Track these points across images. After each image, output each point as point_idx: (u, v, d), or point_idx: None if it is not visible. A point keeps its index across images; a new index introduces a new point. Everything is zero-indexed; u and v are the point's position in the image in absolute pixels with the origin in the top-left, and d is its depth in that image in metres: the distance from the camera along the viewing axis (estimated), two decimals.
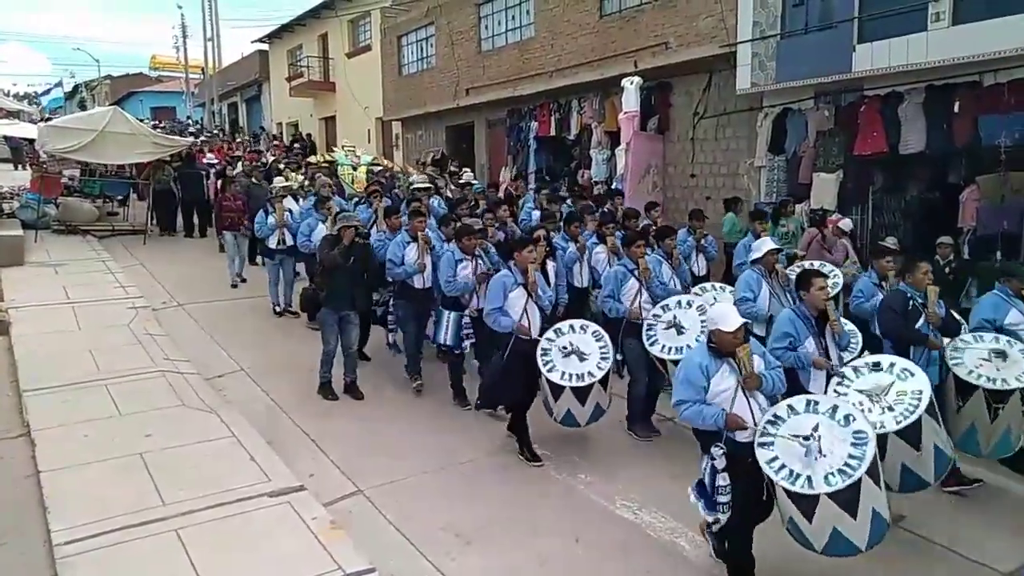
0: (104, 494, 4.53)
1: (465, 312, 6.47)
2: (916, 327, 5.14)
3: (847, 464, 3.63)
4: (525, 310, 5.60)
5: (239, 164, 14.09)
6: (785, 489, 3.70)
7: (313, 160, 16.04)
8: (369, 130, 22.22)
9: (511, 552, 4.44)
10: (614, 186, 11.88)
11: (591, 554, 4.47)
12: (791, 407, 3.96)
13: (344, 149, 15.36)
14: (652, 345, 5.79)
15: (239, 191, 11.22)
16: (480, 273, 6.36)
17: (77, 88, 52.07)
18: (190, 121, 31.93)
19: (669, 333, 5.77)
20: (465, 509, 4.92)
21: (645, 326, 5.91)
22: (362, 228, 7.09)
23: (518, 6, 15.14)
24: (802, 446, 3.72)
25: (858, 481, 3.57)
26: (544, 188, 10.74)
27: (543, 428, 5.82)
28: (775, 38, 9.52)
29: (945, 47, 7.72)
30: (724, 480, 3.94)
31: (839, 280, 7.06)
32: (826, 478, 3.61)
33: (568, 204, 9.49)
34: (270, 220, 9.04)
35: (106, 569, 3.86)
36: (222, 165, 14.37)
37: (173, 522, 4.27)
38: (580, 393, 5.37)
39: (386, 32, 20.28)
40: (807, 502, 3.67)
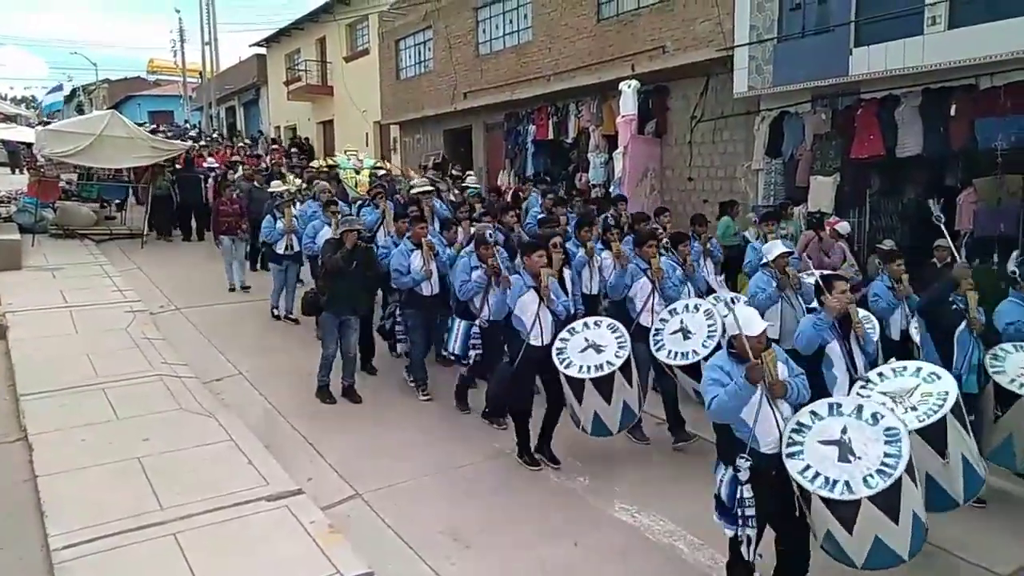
0: (101, 498, 4.51)
1: (475, 322, 6.30)
2: (956, 333, 5.05)
3: (884, 464, 3.47)
4: (537, 316, 5.42)
5: (239, 168, 14.05)
6: (823, 498, 3.49)
7: (315, 165, 16.04)
8: (367, 134, 22.24)
9: (510, 556, 4.44)
10: (612, 189, 11.90)
11: (590, 558, 4.46)
12: (814, 413, 3.81)
13: (347, 153, 15.39)
14: (659, 351, 5.65)
15: (239, 195, 11.19)
16: (493, 267, 6.11)
17: (75, 92, 51.99)
18: (188, 125, 31.90)
19: (675, 338, 5.65)
20: (464, 513, 4.91)
21: (652, 331, 5.79)
22: (365, 232, 7.02)
23: (516, 10, 15.18)
24: (835, 448, 3.56)
25: (899, 480, 3.41)
26: (549, 192, 10.56)
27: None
28: (772, 42, 9.55)
29: (941, 51, 7.74)
30: (748, 492, 3.73)
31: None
32: (865, 480, 3.43)
33: (570, 208, 9.37)
34: (278, 225, 8.97)
35: (104, 573, 3.85)
36: (222, 169, 14.31)
37: (171, 526, 4.26)
38: (602, 387, 5.18)
39: (384, 36, 20.31)
40: (847, 510, 3.48)
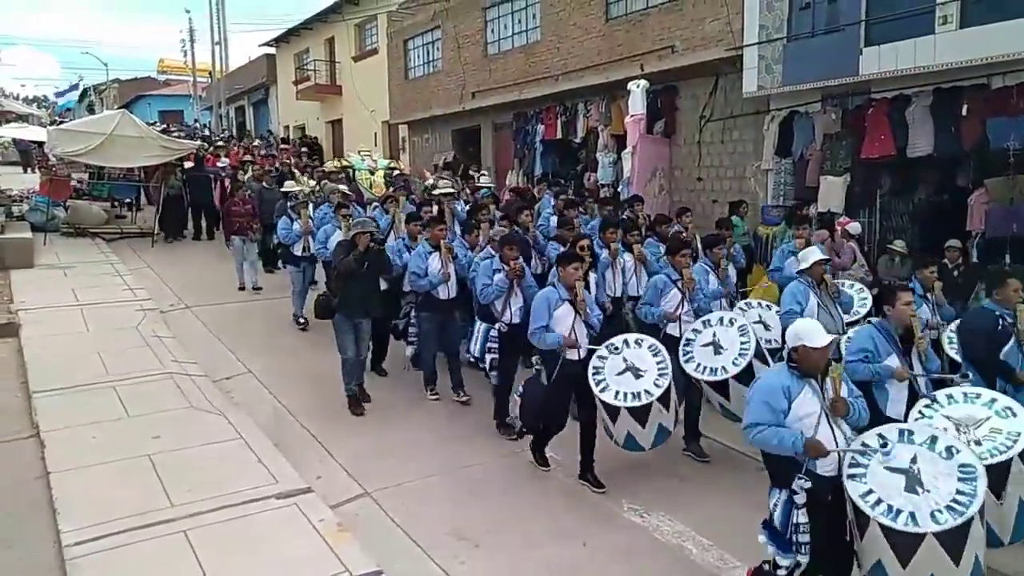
0: (112, 495, 4.55)
1: (495, 325, 6.08)
2: (1005, 350, 4.73)
3: (956, 501, 3.25)
4: (572, 328, 5.20)
5: (249, 169, 14.05)
6: (884, 527, 3.29)
7: (328, 168, 16.04)
8: (376, 133, 22.28)
9: (518, 556, 4.44)
10: (620, 189, 11.87)
11: (598, 558, 4.46)
12: (882, 436, 3.58)
13: (360, 154, 15.33)
14: (687, 363, 5.42)
15: (251, 195, 11.16)
16: (515, 268, 6.01)
17: (86, 91, 52.37)
18: (199, 125, 32.06)
19: (706, 351, 5.41)
20: (472, 512, 4.92)
21: (683, 341, 5.56)
22: (378, 234, 6.97)
23: (524, 10, 15.17)
24: (902, 477, 3.36)
25: (969, 521, 3.20)
26: (562, 193, 10.34)
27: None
28: (782, 41, 9.51)
29: (953, 50, 7.69)
30: (803, 517, 3.53)
31: (867, 297, 6.76)
32: (933, 515, 3.23)
33: (582, 210, 9.20)
34: (295, 227, 8.89)
35: (114, 570, 3.88)
36: (231, 170, 14.31)
37: (181, 524, 4.29)
38: (638, 414, 4.98)
39: (392, 36, 20.34)
40: (908, 542, 3.26)
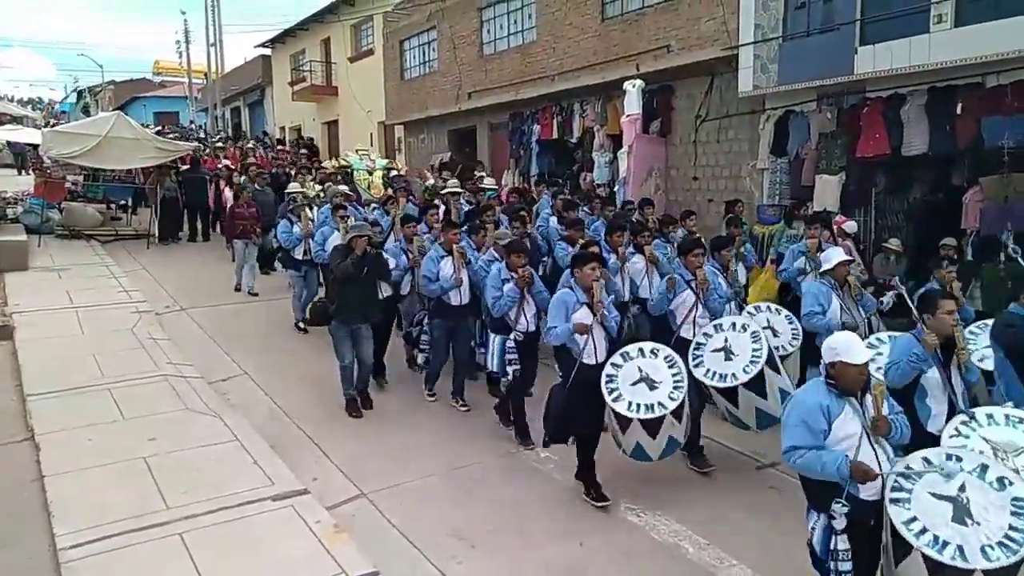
0: (108, 498, 4.54)
1: (510, 336, 5.90)
2: None
3: (1009, 537, 3.05)
4: (590, 331, 5.07)
5: (252, 170, 13.89)
6: (929, 559, 3.09)
7: (327, 166, 15.96)
8: (372, 134, 22.25)
9: (516, 556, 4.44)
10: (616, 189, 11.87)
11: (596, 557, 4.46)
12: (927, 460, 3.36)
13: (359, 153, 15.21)
14: (697, 367, 5.26)
15: (252, 198, 11.03)
16: (523, 276, 5.83)
17: (81, 93, 52.27)
18: (194, 126, 31.99)
19: (717, 357, 5.27)
20: (470, 513, 4.91)
21: (693, 345, 5.40)
22: (376, 238, 6.86)
23: (520, 10, 15.16)
24: (949, 505, 3.17)
25: (1022, 561, 3.01)
26: (560, 193, 10.18)
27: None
28: (777, 41, 9.52)
29: (947, 49, 7.70)
30: (844, 544, 3.34)
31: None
32: (984, 551, 3.03)
33: (584, 210, 9.09)
34: (295, 230, 8.73)
35: (110, 573, 3.87)
36: (228, 172, 14.19)
37: (177, 526, 4.28)
38: (650, 426, 4.86)
39: (388, 36, 20.32)
40: None
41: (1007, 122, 7.58)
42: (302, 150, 20.24)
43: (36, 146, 14.91)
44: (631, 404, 4.84)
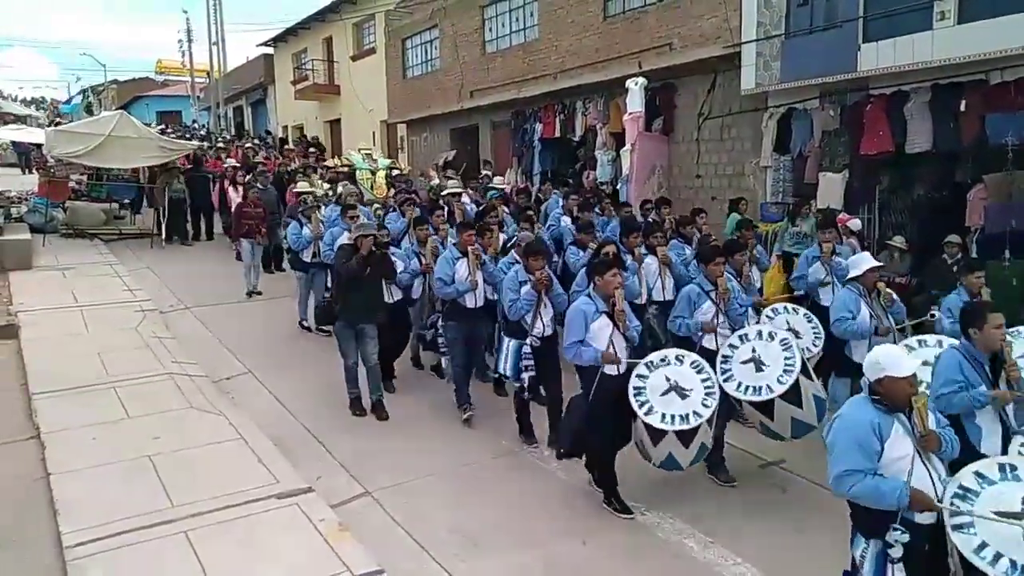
0: (113, 496, 4.56)
1: (526, 340, 5.67)
2: None
3: None
4: (611, 341, 4.83)
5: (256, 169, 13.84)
6: None
7: (331, 164, 15.88)
8: (374, 133, 22.25)
9: (519, 554, 4.44)
10: (619, 187, 11.87)
11: (599, 556, 4.46)
12: (979, 475, 3.14)
13: (361, 152, 15.09)
14: (726, 381, 5.03)
15: (257, 197, 10.92)
16: (541, 280, 5.61)
17: (84, 93, 52.39)
18: (197, 125, 32.04)
19: (746, 369, 5.04)
20: (473, 511, 4.92)
21: (719, 358, 5.15)
22: (381, 238, 6.73)
23: (522, 8, 15.15)
24: (1020, 525, 2.93)
25: None
26: (572, 193, 9.98)
27: (545, 428, 5.80)
28: (780, 38, 9.51)
29: (951, 45, 7.69)
30: (901, 573, 3.10)
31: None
32: None
33: (598, 211, 8.92)
34: (305, 231, 8.55)
35: (115, 571, 3.89)
36: (233, 171, 14.11)
37: (182, 524, 4.29)
38: (685, 436, 4.68)
39: (390, 35, 20.33)
40: None
41: (1011, 119, 7.57)
42: (311, 149, 19.97)
43: (40, 145, 14.93)
44: (664, 416, 4.65)
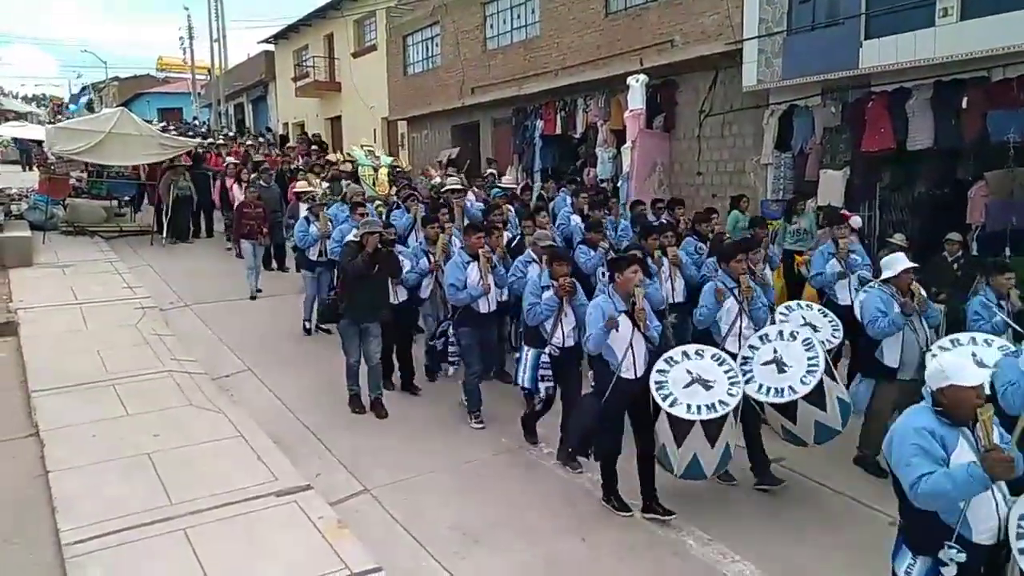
0: (112, 494, 4.55)
1: (545, 349, 5.45)
2: None
3: None
4: (630, 344, 4.72)
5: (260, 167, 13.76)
6: None
7: (333, 159, 15.80)
8: (375, 130, 22.23)
9: (519, 551, 4.44)
10: (620, 184, 11.84)
11: (598, 553, 4.46)
12: None
13: (363, 148, 15.01)
14: (748, 383, 4.88)
15: (258, 195, 10.77)
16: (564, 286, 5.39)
17: (84, 89, 52.40)
18: (198, 122, 32.03)
19: (768, 370, 4.92)
20: (472, 508, 4.92)
21: (740, 359, 5.05)
22: (387, 235, 6.64)
23: (523, 5, 15.12)
24: None
25: None
26: (581, 192, 9.84)
27: (547, 426, 5.79)
28: (781, 35, 9.47)
29: (953, 42, 7.66)
30: None
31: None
32: None
33: (606, 210, 8.76)
34: (312, 230, 8.36)
35: (114, 568, 3.88)
36: (235, 168, 14.06)
37: (181, 521, 4.29)
38: (711, 428, 4.54)
39: (391, 32, 20.30)
40: None
41: (1013, 116, 7.54)
42: (313, 146, 19.86)
43: (41, 142, 14.94)
44: (690, 407, 4.53)
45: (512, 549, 4.46)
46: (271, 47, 29.80)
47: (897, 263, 5.26)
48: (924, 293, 5.32)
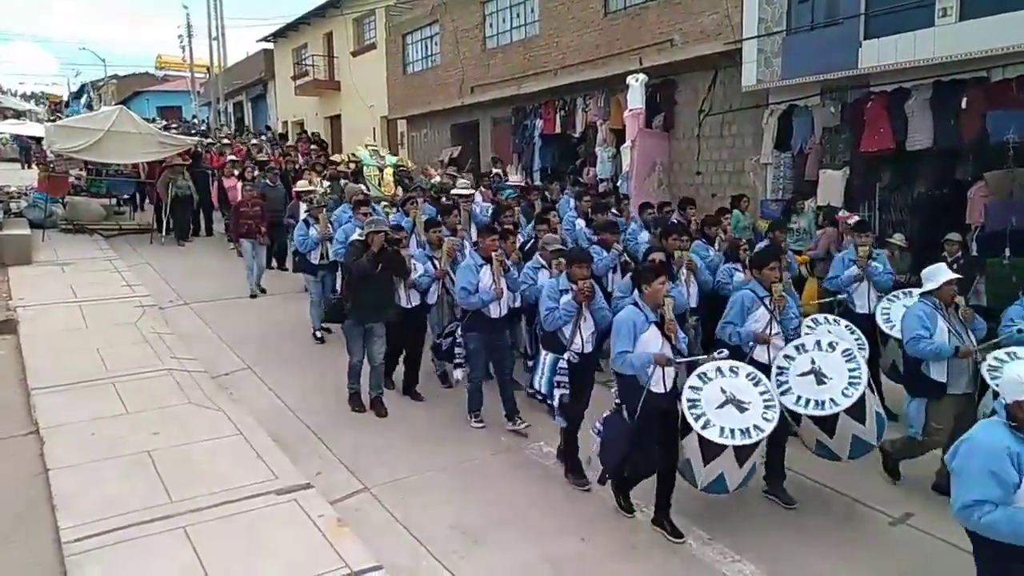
0: (112, 492, 4.55)
1: (563, 355, 5.22)
2: None
3: None
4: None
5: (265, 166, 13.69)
6: None
7: (337, 159, 15.76)
8: (374, 128, 22.21)
9: (519, 551, 4.44)
10: (619, 184, 11.85)
11: (599, 553, 4.46)
12: None
13: (368, 148, 14.92)
14: (784, 395, 4.71)
15: (258, 194, 10.77)
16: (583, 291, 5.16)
17: (83, 88, 52.32)
18: (196, 120, 32.01)
19: (806, 382, 4.74)
20: (472, 508, 4.91)
21: (775, 370, 4.85)
22: (393, 234, 6.55)
23: (523, 3, 15.13)
24: None
25: None
26: (585, 194, 9.68)
27: (547, 425, 5.80)
28: (781, 34, 9.49)
29: (952, 42, 7.68)
30: None
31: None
32: None
33: (616, 211, 8.66)
34: (312, 233, 8.16)
35: (114, 566, 3.88)
36: (238, 167, 13.98)
37: (181, 520, 4.29)
38: (743, 452, 4.41)
39: (391, 31, 20.30)
40: None
41: (1012, 116, 7.56)
42: (312, 145, 19.71)
43: (40, 140, 14.91)
44: (724, 430, 4.34)
45: (512, 548, 4.46)
46: (270, 45, 29.80)
47: (940, 275, 5.03)
48: (969, 308, 5.13)
